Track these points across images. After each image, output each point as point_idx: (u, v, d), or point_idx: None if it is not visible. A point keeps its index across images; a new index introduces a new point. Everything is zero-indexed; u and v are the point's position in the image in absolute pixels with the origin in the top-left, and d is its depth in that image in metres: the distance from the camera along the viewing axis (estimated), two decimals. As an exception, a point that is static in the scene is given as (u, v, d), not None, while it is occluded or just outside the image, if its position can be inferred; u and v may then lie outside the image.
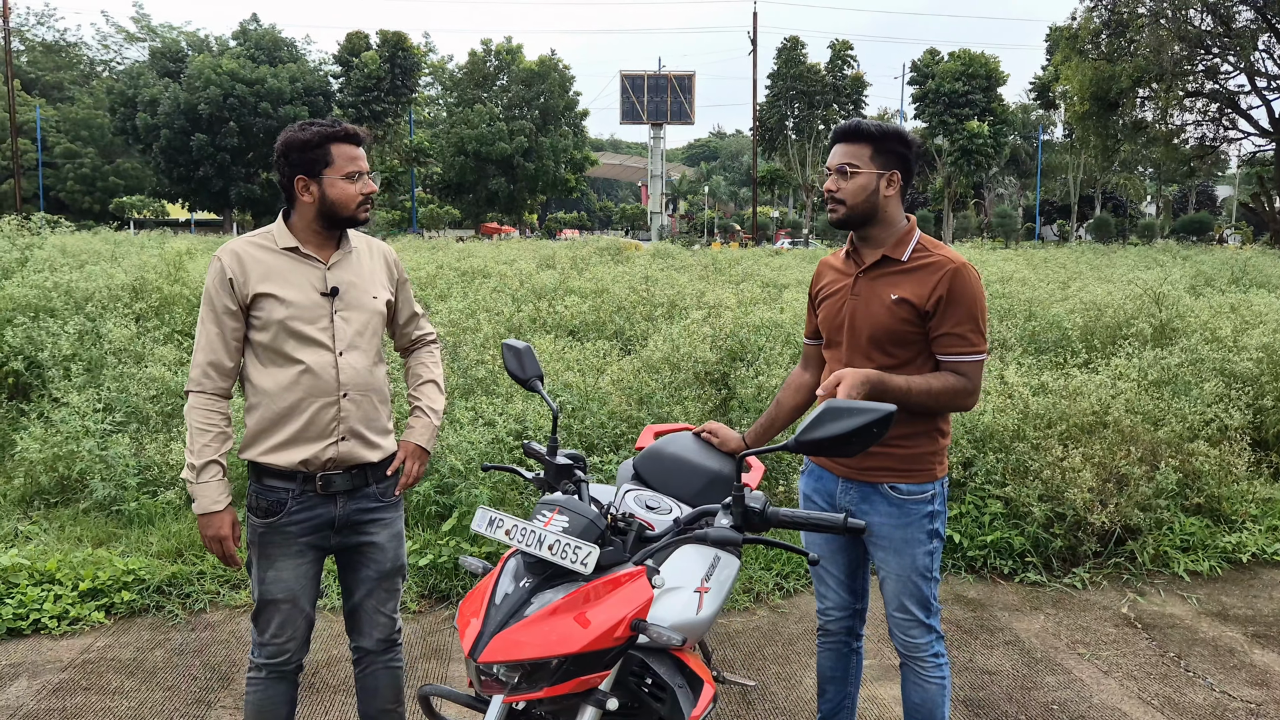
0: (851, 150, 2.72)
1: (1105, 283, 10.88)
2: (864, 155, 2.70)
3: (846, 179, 2.72)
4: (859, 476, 2.80)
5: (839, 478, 2.87)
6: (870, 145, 2.71)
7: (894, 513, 2.76)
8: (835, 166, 2.74)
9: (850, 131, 2.74)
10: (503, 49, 64.51)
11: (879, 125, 2.72)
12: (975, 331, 2.66)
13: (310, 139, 2.60)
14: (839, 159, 2.73)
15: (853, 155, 2.71)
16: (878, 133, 2.70)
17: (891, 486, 2.76)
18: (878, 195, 2.72)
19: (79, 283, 8.46)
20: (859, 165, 2.70)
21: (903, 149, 2.73)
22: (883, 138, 2.70)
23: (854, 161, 2.70)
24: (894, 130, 2.72)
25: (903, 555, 2.79)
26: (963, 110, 60.46)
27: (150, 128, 52.64)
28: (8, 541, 5.33)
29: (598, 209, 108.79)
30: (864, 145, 2.71)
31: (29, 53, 78.53)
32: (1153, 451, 5.61)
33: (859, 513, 2.82)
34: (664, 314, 9.01)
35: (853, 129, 2.73)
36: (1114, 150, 46.71)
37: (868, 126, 2.71)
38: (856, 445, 1.92)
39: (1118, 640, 4.50)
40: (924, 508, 2.76)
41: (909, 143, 2.74)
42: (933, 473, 2.76)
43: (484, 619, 1.98)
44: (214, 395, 2.64)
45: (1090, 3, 41.39)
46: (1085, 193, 72.32)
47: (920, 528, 2.77)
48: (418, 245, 24.57)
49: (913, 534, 2.77)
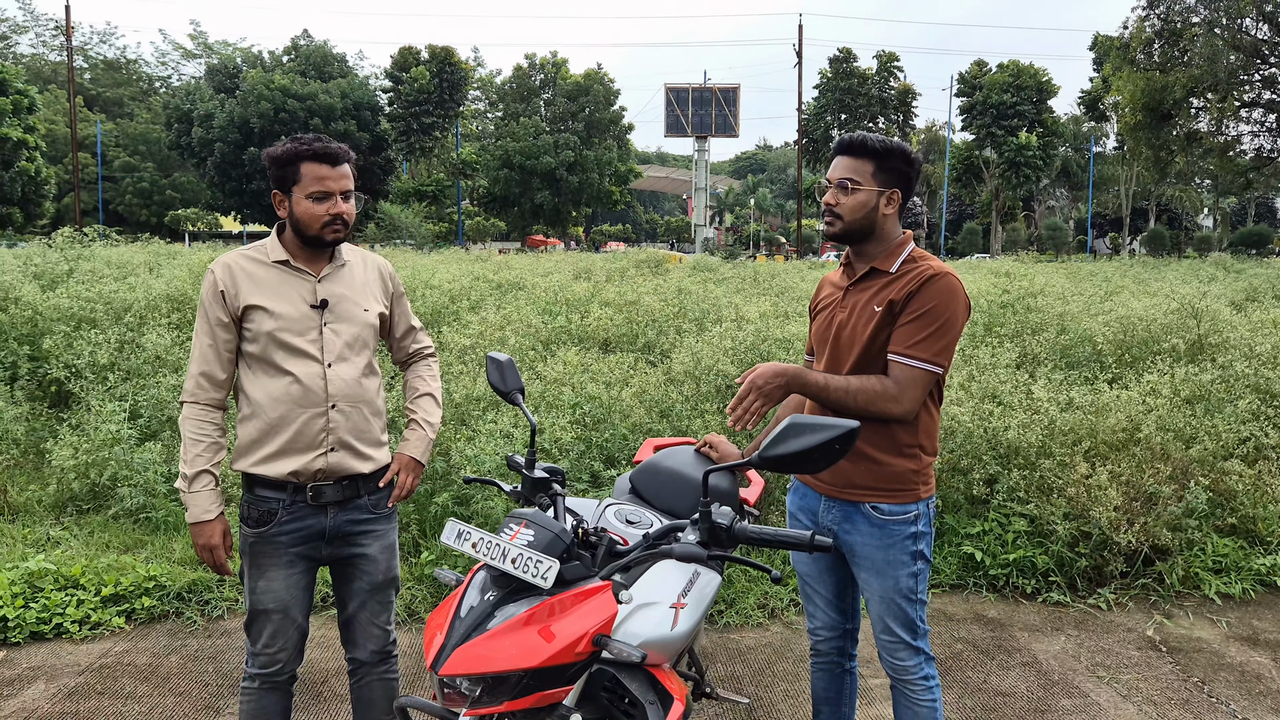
0: (854, 165, 2.67)
1: (1149, 296, 10.66)
2: (866, 171, 2.66)
3: (847, 194, 2.66)
4: (840, 495, 2.74)
5: (821, 495, 2.81)
6: (873, 162, 2.66)
7: (876, 533, 2.70)
8: (836, 180, 2.68)
9: (854, 145, 2.68)
10: (547, 63, 65.04)
11: (883, 141, 2.66)
12: (927, 339, 2.53)
13: (281, 155, 2.63)
14: (840, 172, 2.68)
15: (855, 170, 2.67)
16: (882, 149, 2.65)
17: (873, 506, 2.69)
18: (876, 213, 2.67)
19: (120, 293, 8.65)
20: (860, 181, 2.65)
21: (905, 167, 2.68)
22: (886, 155, 2.65)
23: (855, 177, 2.66)
24: (898, 147, 2.67)
25: (885, 577, 2.72)
26: (1011, 122, 59.74)
27: (205, 142, 53.85)
28: (39, 546, 5.45)
29: (643, 222, 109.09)
30: (867, 161, 2.66)
31: (91, 70, 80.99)
32: (1184, 470, 5.47)
33: (840, 532, 2.77)
34: (693, 327, 8.98)
35: (857, 143, 2.68)
36: (1167, 162, 45.76)
37: (872, 142, 2.66)
38: (820, 461, 1.90)
39: (1140, 663, 4.39)
40: (906, 529, 2.69)
41: (912, 161, 2.70)
42: (915, 493, 2.69)
43: (447, 631, 1.98)
44: (207, 406, 2.69)
45: (1142, 12, 40.67)
46: (1139, 205, 71.07)
47: (903, 549, 2.70)
48: (459, 257, 24.80)
49: (895, 555, 2.70)
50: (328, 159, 2.66)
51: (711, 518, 2.07)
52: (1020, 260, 21.19)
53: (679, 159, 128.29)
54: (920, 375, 2.55)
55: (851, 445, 1.90)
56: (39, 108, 50.94)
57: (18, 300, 8.69)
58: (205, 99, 56.05)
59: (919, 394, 2.56)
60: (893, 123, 65.08)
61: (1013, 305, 8.81)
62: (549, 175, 61.18)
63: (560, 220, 65.64)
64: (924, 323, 2.53)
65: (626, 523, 2.58)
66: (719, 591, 2.67)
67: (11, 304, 8.68)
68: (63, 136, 62.88)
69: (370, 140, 55.73)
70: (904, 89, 65.19)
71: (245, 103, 53.04)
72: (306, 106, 53.28)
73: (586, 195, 64.08)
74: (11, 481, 6.43)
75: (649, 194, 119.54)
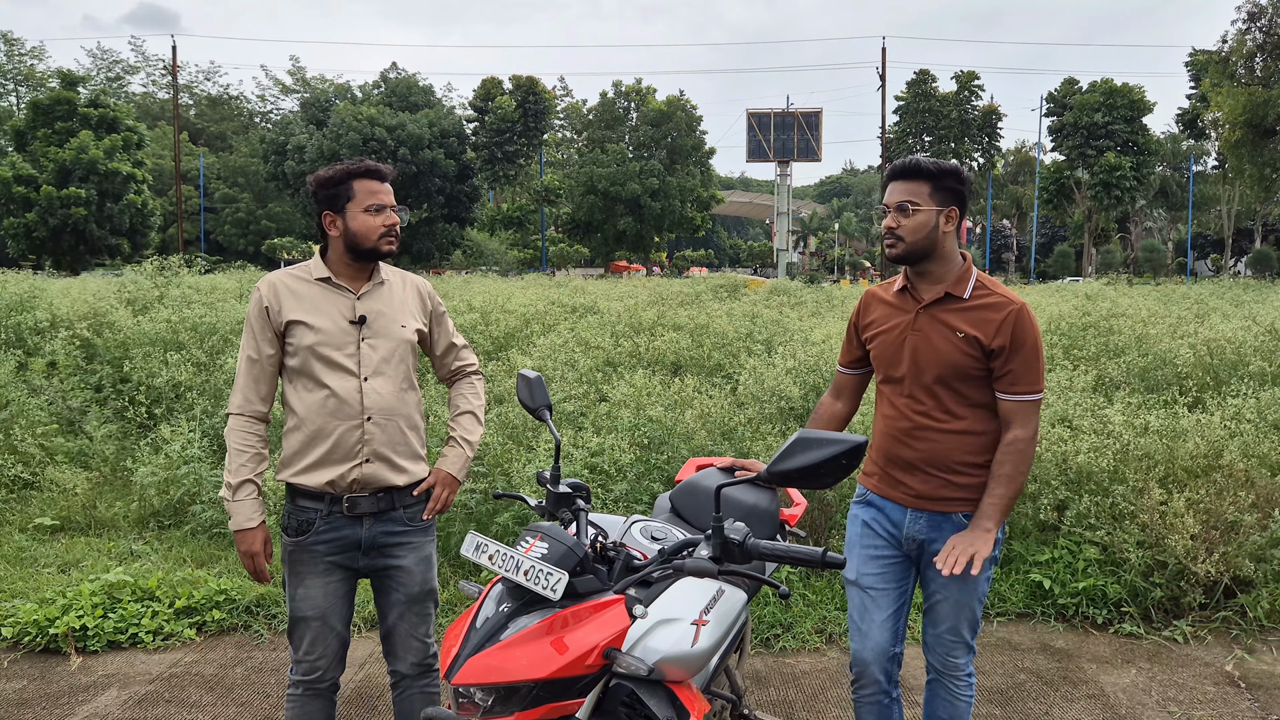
0: (910, 188, 2.79)
1: (1245, 319, 10.23)
2: (923, 192, 2.78)
3: (907, 216, 2.79)
4: (931, 507, 2.86)
5: (907, 508, 2.91)
6: (929, 183, 2.78)
7: None
8: (895, 204, 2.81)
9: (908, 169, 2.81)
10: (632, 90, 65.71)
11: (936, 163, 2.79)
12: (1036, 371, 2.74)
13: (334, 176, 2.76)
14: (898, 196, 2.80)
15: (912, 193, 2.78)
16: (935, 170, 2.78)
17: (965, 515, 2.82)
18: (936, 231, 2.79)
19: (206, 318, 9.00)
20: (919, 203, 2.77)
21: (959, 186, 2.81)
22: (940, 175, 2.79)
23: (913, 199, 2.78)
24: (951, 168, 2.79)
25: (966, 582, 2.84)
26: (1102, 142, 58.16)
27: (297, 173, 55.67)
28: (120, 560, 5.69)
29: (727, 246, 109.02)
30: (922, 183, 2.79)
31: (195, 106, 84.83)
32: (1268, 498, 5.22)
33: (928, 540, 2.88)
34: (761, 349, 8.93)
35: (911, 167, 2.81)
36: (1272, 180, 44.01)
37: (926, 164, 2.79)
38: (827, 476, 1.89)
39: (1215, 699, 4.19)
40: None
41: (964, 180, 2.82)
42: None
43: (462, 641, 2.01)
44: (251, 418, 2.79)
45: (1242, 25, 39.36)
46: (1243, 225, 68.29)
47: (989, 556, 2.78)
48: (541, 282, 25.17)
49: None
50: (377, 175, 2.82)
51: (724, 533, 2.06)
52: (1110, 283, 20.58)
53: (762, 184, 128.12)
54: (1037, 403, 2.78)
55: (859, 461, 1.90)
56: (147, 143, 53.49)
57: (111, 325, 9.12)
58: (299, 131, 58.06)
59: (1038, 418, 2.80)
60: (977, 144, 63.89)
61: (1094, 327, 8.56)
62: (632, 201, 61.65)
63: (643, 246, 66.00)
64: (1027, 359, 2.73)
65: (651, 539, 2.59)
66: (746, 610, 2.64)
67: (106, 328, 9.11)
68: (168, 170, 65.85)
69: (456, 168, 56.95)
70: (989, 109, 63.99)
71: (334, 134, 54.74)
72: (395, 136, 54.73)
73: (669, 221, 64.34)
74: (100, 497, 6.72)
75: (732, 219, 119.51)
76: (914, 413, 2.84)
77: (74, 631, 4.68)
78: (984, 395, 2.79)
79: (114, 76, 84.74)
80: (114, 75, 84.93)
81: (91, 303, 10.05)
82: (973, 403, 2.79)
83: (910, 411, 2.84)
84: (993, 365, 2.74)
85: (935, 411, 2.81)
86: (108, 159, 47.07)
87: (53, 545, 6.05)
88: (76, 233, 46.81)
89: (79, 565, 5.60)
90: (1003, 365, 2.72)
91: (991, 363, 2.74)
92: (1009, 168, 74.50)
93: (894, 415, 2.90)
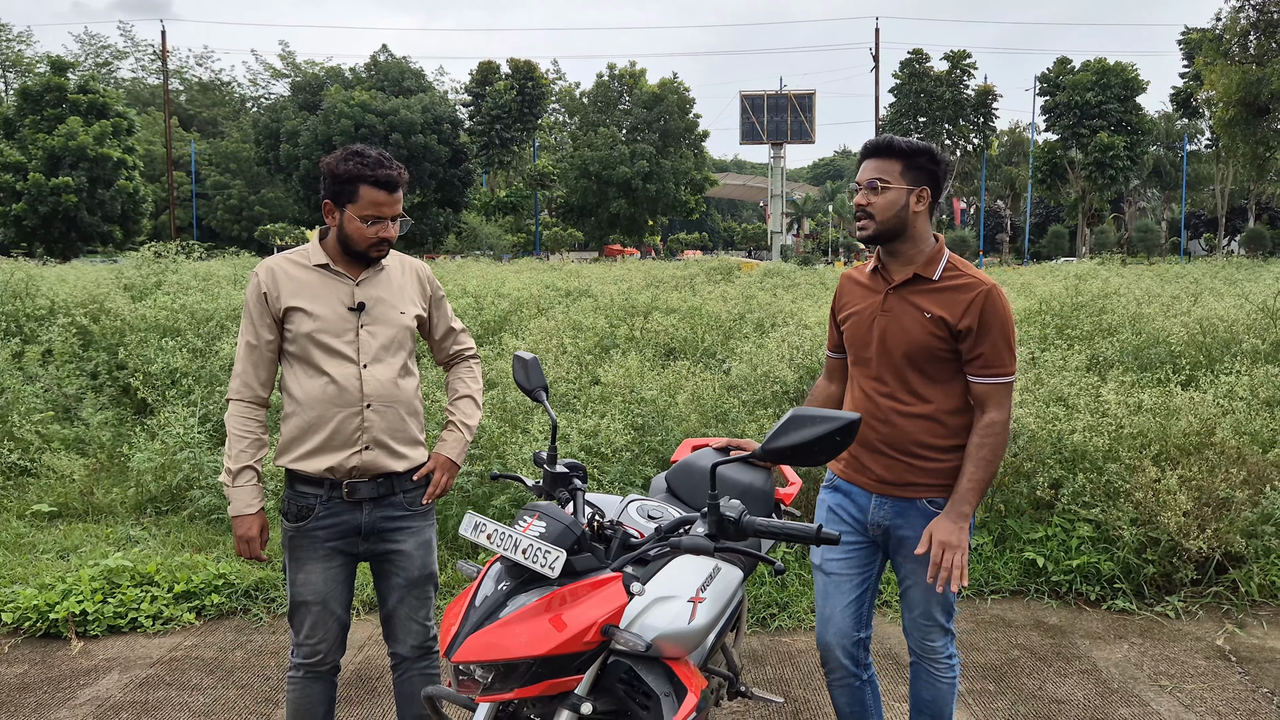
0: (882, 165, 2.77)
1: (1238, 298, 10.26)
2: (894, 171, 2.75)
3: (877, 194, 2.75)
4: (895, 492, 2.83)
5: (871, 493, 2.88)
6: (901, 161, 2.75)
7: None
8: (865, 181, 2.77)
9: (881, 147, 2.79)
10: (626, 73, 65.43)
11: (909, 142, 2.76)
12: (1007, 353, 2.71)
13: (343, 174, 2.70)
14: (870, 174, 2.77)
15: (883, 170, 2.76)
16: (908, 149, 2.75)
17: (929, 501, 2.80)
18: (907, 211, 2.76)
19: (202, 304, 8.99)
20: (889, 181, 2.74)
21: (932, 166, 2.77)
22: (913, 154, 2.75)
23: (884, 177, 2.75)
24: (924, 147, 2.76)
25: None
26: (1095, 121, 58.06)
27: (290, 158, 55.38)
28: (119, 545, 5.70)
29: (721, 229, 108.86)
30: (894, 161, 2.76)
31: (186, 92, 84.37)
32: (1260, 475, 5.27)
33: (892, 528, 2.85)
34: (753, 332, 8.95)
35: (884, 145, 2.78)
36: (1265, 158, 43.99)
37: (898, 143, 2.76)
38: (820, 454, 1.91)
39: (1207, 673, 4.24)
40: None
41: (938, 160, 2.79)
42: None
43: (461, 620, 2.03)
44: (250, 404, 2.80)
45: (1236, 3, 39.24)
46: (1237, 204, 68.31)
47: None
48: (535, 266, 25.14)
49: None
50: (387, 186, 2.74)
51: (719, 511, 2.09)
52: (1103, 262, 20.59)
53: (756, 166, 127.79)
54: (1009, 385, 2.73)
55: (853, 437, 1.91)
56: (138, 129, 53.05)
57: (108, 311, 9.11)
58: (290, 116, 57.72)
59: (1011, 400, 2.75)
60: (972, 125, 63.73)
61: (1086, 306, 8.58)
62: (625, 185, 61.49)
63: (637, 229, 65.87)
64: (996, 341, 2.69)
65: (648, 518, 2.61)
66: (742, 588, 2.67)
67: (103, 315, 9.10)
68: (159, 156, 65.50)
69: (450, 153, 56.65)
70: (983, 90, 63.79)
71: (327, 120, 54.41)
72: (387, 122, 54.43)
73: (662, 204, 64.19)
74: (97, 484, 6.73)
75: (726, 202, 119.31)
76: (879, 395, 2.81)
77: (74, 616, 4.71)
78: (950, 378, 2.76)
79: (103, 62, 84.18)
80: (103, 61, 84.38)
81: (90, 289, 10.04)
82: (938, 385, 2.76)
83: (875, 394, 2.82)
84: (961, 347, 2.71)
85: (900, 393, 2.78)
86: (97, 145, 46.67)
87: (51, 531, 6.07)
88: (68, 220, 46.46)
89: (78, 551, 5.62)
90: (972, 348, 2.70)
91: (960, 344, 2.71)
92: (1003, 148, 74.31)
93: (860, 397, 2.87)
